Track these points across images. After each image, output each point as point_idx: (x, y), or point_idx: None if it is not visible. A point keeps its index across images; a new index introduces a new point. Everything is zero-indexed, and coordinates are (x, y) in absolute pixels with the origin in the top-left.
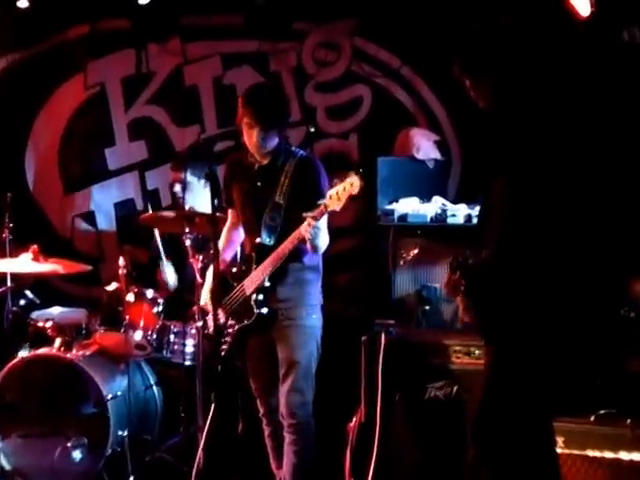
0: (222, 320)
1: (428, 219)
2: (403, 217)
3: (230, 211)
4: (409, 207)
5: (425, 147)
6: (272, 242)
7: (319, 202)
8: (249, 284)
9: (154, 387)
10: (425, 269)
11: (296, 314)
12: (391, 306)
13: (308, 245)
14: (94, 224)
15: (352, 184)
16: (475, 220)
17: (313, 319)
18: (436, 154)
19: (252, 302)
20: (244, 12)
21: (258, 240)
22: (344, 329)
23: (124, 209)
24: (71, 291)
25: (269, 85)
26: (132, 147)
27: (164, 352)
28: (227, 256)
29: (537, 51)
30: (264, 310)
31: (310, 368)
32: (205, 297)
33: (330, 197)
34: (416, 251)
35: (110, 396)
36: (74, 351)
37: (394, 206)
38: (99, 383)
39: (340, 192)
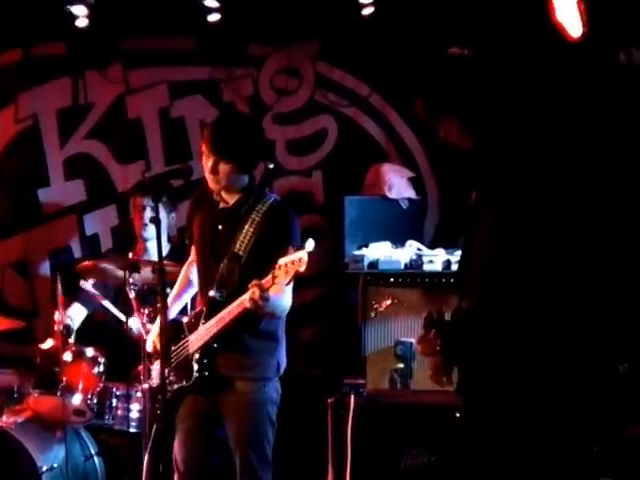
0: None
1: (402, 266)
2: (374, 264)
3: (192, 248)
4: (380, 253)
5: (398, 185)
6: (224, 298)
7: (271, 275)
8: (194, 341)
9: (95, 457)
10: (399, 322)
11: (246, 388)
12: (361, 364)
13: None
14: (26, 274)
15: (300, 260)
16: (455, 266)
17: (266, 392)
18: (410, 193)
19: (193, 363)
20: (194, 35)
21: (211, 294)
22: (308, 390)
23: (60, 257)
24: (1, 350)
25: (241, 115)
26: (68, 187)
27: (106, 418)
28: (183, 298)
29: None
30: (205, 373)
31: (263, 449)
32: (150, 344)
33: (279, 267)
34: (389, 302)
35: (45, 468)
36: (4, 417)
37: (364, 251)
38: (33, 453)
39: (289, 265)
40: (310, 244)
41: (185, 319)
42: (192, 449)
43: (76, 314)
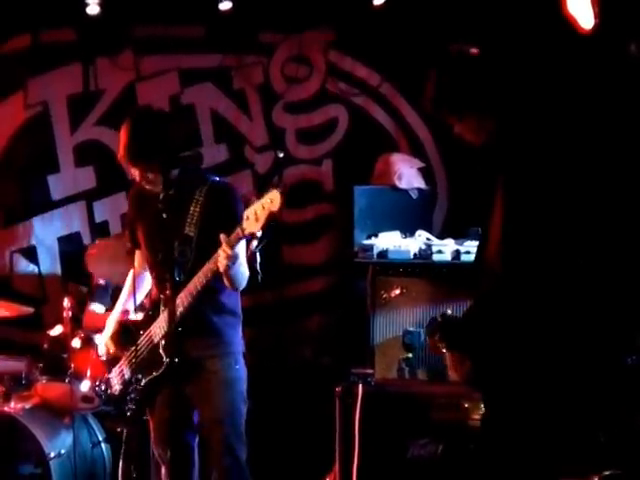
0: (127, 376)
1: (411, 255)
2: (383, 253)
3: (136, 252)
4: (390, 242)
5: (408, 175)
6: (182, 279)
7: (238, 226)
8: (157, 330)
9: (102, 444)
10: (408, 312)
11: (217, 366)
12: (369, 353)
13: (225, 280)
14: (35, 261)
15: (272, 200)
16: (464, 257)
17: (236, 370)
18: (420, 183)
19: (161, 350)
20: (205, 23)
21: (173, 281)
22: (316, 379)
23: (69, 244)
24: (9, 336)
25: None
26: (78, 174)
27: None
28: (130, 304)
29: (538, 69)
30: (171, 358)
31: (239, 426)
32: (104, 350)
33: (247, 218)
34: (397, 291)
35: (53, 454)
36: (12, 404)
37: (373, 241)
38: (40, 440)
39: (258, 211)
40: (277, 186)
41: (138, 316)
42: (170, 439)
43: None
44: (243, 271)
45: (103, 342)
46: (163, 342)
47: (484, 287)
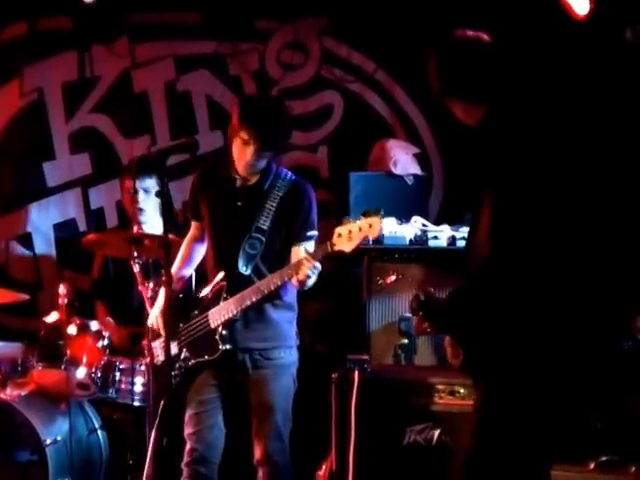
0: (174, 351)
1: (407, 241)
2: (379, 239)
3: (193, 224)
4: (385, 228)
5: (403, 161)
6: (248, 272)
7: (328, 242)
8: (216, 316)
9: (98, 431)
10: (403, 298)
11: (274, 354)
12: (365, 339)
13: (295, 283)
14: (31, 248)
15: (371, 225)
16: (460, 243)
17: (291, 356)
18: (416, 169)
19: (217, 337)
20: (200, 9)
21: (236, 272)
22: (312, 365)
23: (65, 231)
24: (5, 323)
25: (273, 97)
26: (74, 161)
27: (110, 392)
28: (184, 274)
29: (533, 56)
30: (229, 346)
31: (289, 411)
32: (153, 320)
33: (339, 235)
34: (393, 278)
35: (49, 441)
36: (8, 390)
37: None
38: (36, 426)
39: (354, 232)
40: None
41: (204, 293)
42: (207, 420)
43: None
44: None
45: (154, 313)
46: (220, 329)
47: (472, 270)
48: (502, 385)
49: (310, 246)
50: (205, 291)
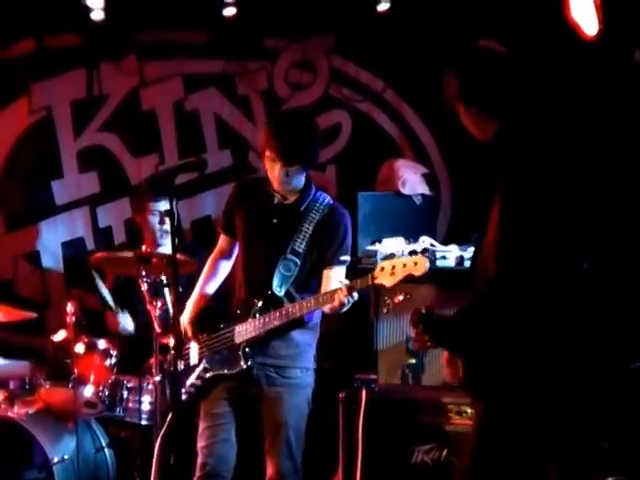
0: (193, 361)
1: None
2: (387, 259)
3: (223, 237)
4: (394, 248)
5: (412, 181)
6: (282, 293)
7: (370, 274)
8: (242, 332)
9: (105, 449)
10: None
11: (290, 374)
12: (373, 359)
13: (327, 310)
14: (39, 265)
15: (416, 263)
16: (468, 263)
17: (308, 377)
18: (424, 189)
19: (240, 352)
20: (209, 28)
21: (270, 292)
22: (320, 385)
23: (73, 249)
24: (13, 341)
25: (299, 113)
26: (82, 179)
27: (117, 410)
28: (209, 289)
29: (541, 75)
30: (251, 363)
31: (301, 429)
32: (185, 323)
33: (382, 269)
34: (401, 297)
35: (56, 459)
36: (16, 408)
37: (377, 247)
38: (44, 445)
39: (397, 268)
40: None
41: (234, 308)
42: (220, 434)
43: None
44: None
45: (183, 320)
46: (245, 345)
47: (478, 287)
48: (502, 403)
49: (342, 271)
50: (235, 307)
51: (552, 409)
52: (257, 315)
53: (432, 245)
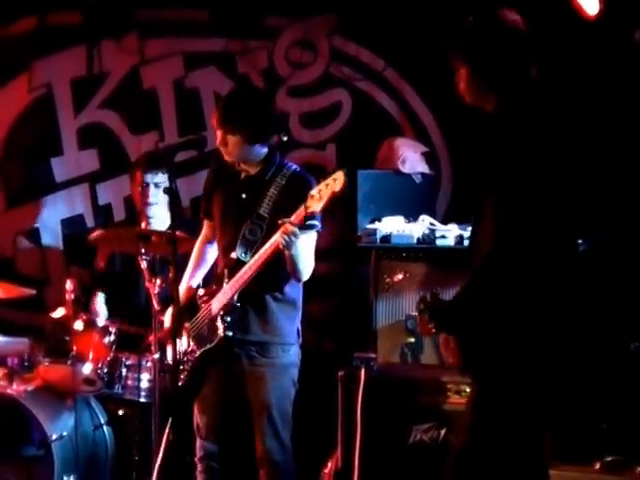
0: (184, 347)
1: (414, 240)
2: (386, 238)
3: (206, 223)
4: (393, 227)
5: (412, 159)
6: (247, 258)
7: (303, 205)
8: (217, 303)
9: (104, 427)
10: (410, 297)
11: (271, 352)
12: (372, 338)
13: (287, 262)
14: (38, 242)
15: (335, 179)
16: (467, 242)
17: (290, 356)
18: (424, 167)
19: (218, 322)
20: (209, 6)
21: (233, 255)
22: (319, 364)
23: (72, 226)
24: (12, 318)
25: (251, 88)
26: (82, 157)
27: (116, 388)
28: (197, 276)
29: (542, 52)
30: (229, 333)
31: (286, 410)
32: (168, 322)
33: (312, 197)
34: (401, 276)
35: (55, 437)
36: (15, 385)
37: (376, 225)
38: (42, 422)
39: (323, 190)
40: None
41: (200, 291)
42: (214, 415)
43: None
44: (306, 259)
45: (169, 318)
46: (222, 314)
47: (476, 269)
48: (497, 382)
49: (310, 236)
50: (212, 283)
51: (551, 390)
52: (227, 281)
53: (432, 224)
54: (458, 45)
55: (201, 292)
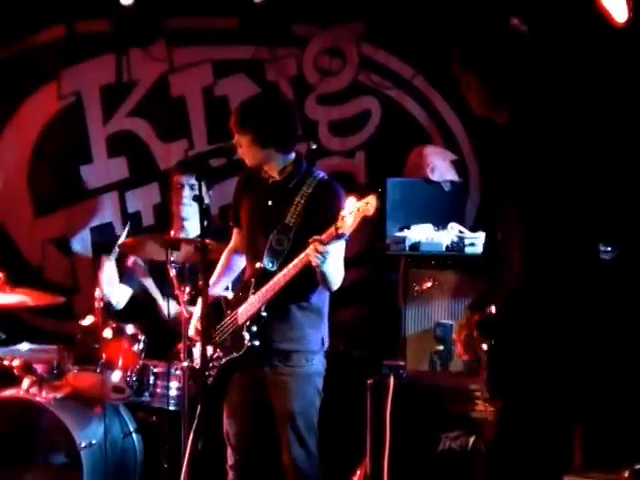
0: (209, 352)
1: (443, 248)
2: (415, 246)
3: (235, 231)
4: (422, 234)
5: (441, 167)
6: (275, 268)
7: (334, 225)
8: (243, 313)
9: (133, 435)
10: (439, 304)
11: (294, 361)
12: (401, 346)
13: (318, 275)
14: (68, 251)
15: (367, 203)
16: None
17: (313, 365)
18: (453, 175)
19: (244, 332)
20: (238, 14)
21: (259, 265)
22: (348, 371)
23: (101, 234)
24: (41, 325)
25: (268, 94)
26: (111, 164)
27: (145, 395)
28: (222, 284)
29: (568, 61)
30: (256, 342)
31: (311, 418)
32: (193, 327)
33: (342, 218)
34: (429, 284)
35: (84, 444)
36: (44, 393)
37: (405, 233)
38: (71, 430)
39: (354, 213)
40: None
41: (229, 295)
42: (242, 422)
43: (121, 294)
44: (336, 270)
45: (193, 324)
46: (248, 324)
47: (506, 284)
48: (536, 398)
49: (339, 246)
50: (233, 292)
51: (582, 402)
52: (253, 292)
53: (461, 232)
54: (467, 56)
55: (230, 295)
